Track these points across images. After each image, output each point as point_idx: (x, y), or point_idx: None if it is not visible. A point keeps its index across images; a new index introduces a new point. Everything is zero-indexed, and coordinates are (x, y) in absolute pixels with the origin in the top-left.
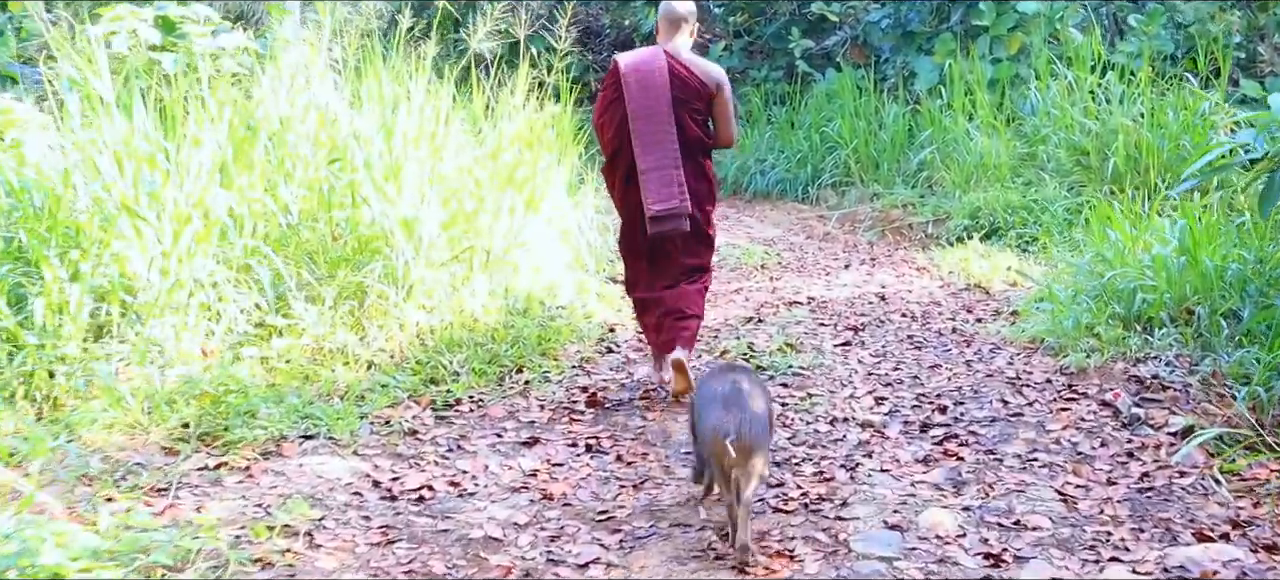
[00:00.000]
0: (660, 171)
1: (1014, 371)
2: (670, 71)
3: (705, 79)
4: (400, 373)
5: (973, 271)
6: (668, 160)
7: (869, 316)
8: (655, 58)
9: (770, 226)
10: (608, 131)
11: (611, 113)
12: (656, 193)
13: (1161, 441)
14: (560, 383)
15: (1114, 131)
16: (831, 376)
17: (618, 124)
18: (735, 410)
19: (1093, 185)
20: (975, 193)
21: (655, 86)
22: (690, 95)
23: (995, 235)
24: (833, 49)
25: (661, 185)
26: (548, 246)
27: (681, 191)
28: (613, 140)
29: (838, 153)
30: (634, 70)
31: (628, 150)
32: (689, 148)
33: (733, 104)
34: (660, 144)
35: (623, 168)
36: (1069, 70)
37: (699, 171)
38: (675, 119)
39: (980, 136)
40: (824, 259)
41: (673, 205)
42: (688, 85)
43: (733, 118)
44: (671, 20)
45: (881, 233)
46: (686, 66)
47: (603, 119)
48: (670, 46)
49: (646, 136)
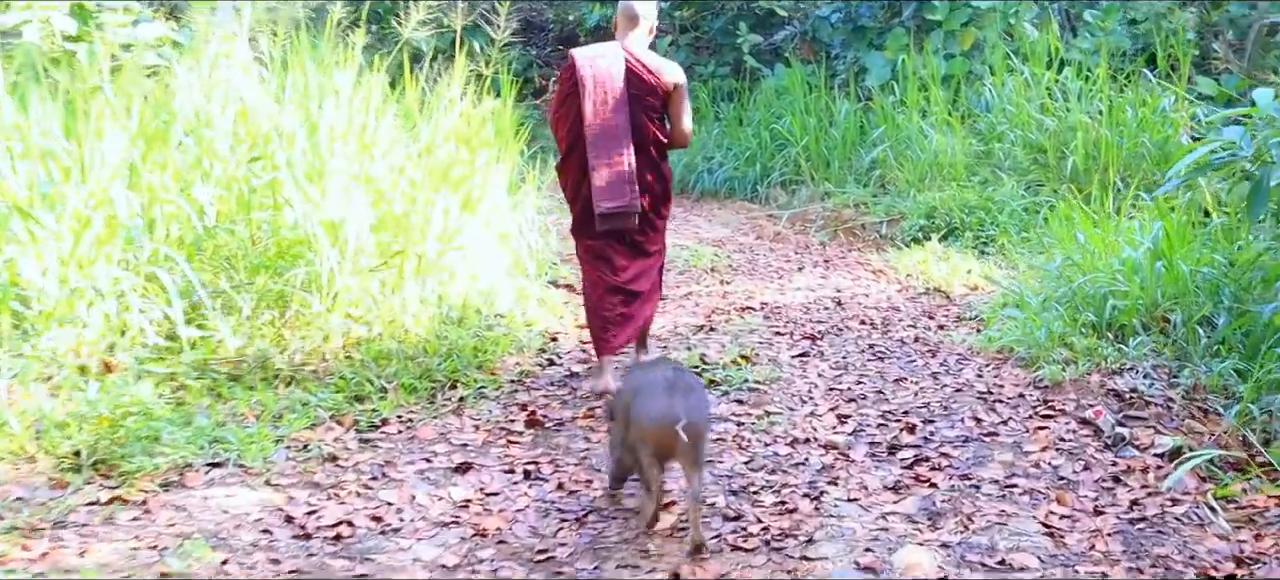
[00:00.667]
0: (612, 169)
1: (984, 385)
2: (627, 68)
3: (662, 77)
4: (323, 389)
5: (932, 275)
6: (620, 158)
7: (826, 324)
8: (612, 53)
9: (719, 226)
10: (562, 127)
11: (566, 108)
12: (607, 191)
13: (1149, 464)
14: (497, 399)
15: (1072, 129)
16: (790, 391)
17: (572, 120)
18: (680, 395)
19: (1050, 184)
20: (930, 192)
21: (611, 83)
22: (646, 92)
23: (952, 236)
24: (782, 44)
25: (613, 183)
26: (485, 250)
27: (633, 189)
28: (567, 136)
29: (788, 150)
30: (591, 65)
31: (582, 146)
32: (644, 146)
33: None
34: (614, 141)
35: (576, 163)
36: (1026, 66)
37: (654, 169)
38: (630, 116)
39: (935, 134)
40: (776, 261)
41: (623, 203)
42: (644, 82)
43: (689, 116)
44: (630, 16)
45: (834, 233)
46: (644, 63)
47: (558, 114)
48: (628, 43)
49: (600, 133)
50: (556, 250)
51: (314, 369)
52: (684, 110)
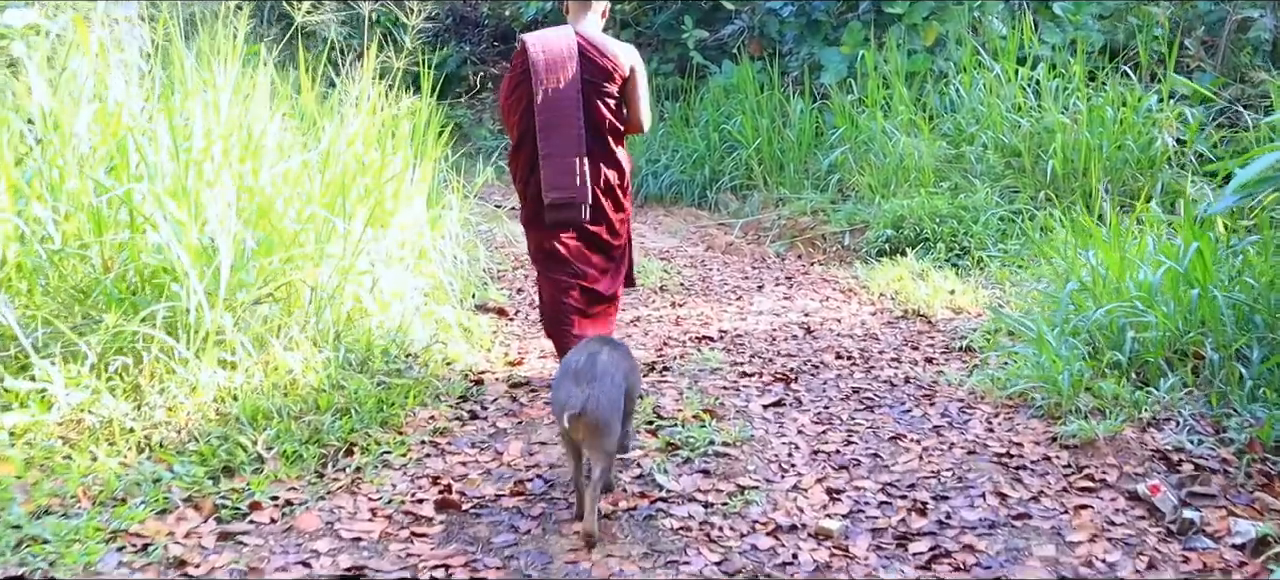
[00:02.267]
0: (561, 157)
1: (1000, 443)
2: (581, 52)
3: (618, 61)
4: (183, 459)
5: (909, 295)
6: (570, 146)
7: (799, 358)
8: (565, 37)
9: (666, 235)
10: (513, 115)
11: (518, 95)
12: (554, 179)
13: (1229, 562)
14: (403, 468)
15: (1049, 131)
16: (766, 456)
17: (524, 107)
18: (584, 384)
19: (1027, 190)
20: (896, 199)
21: (564, 68)
22: (601, 77)
23: (922, 247)
24: (729, 40)
25: (561, 173)
26: (398, 273)
27: (582, 180)
28: (519, 124)
29: (738, 152)
30: (542, 50)
31: (532, 134)
32: (599, 133)
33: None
34: (564, 128)
35: (527, 153)
36: (997, 63)
37: (609, 158)
38: (584, 103)
39: (900, 136)
40: (732, 277)
41: (570, 194)
42: (599, 67)
43: (646, 102)
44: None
45: (791, 243)
46: (598, 47)
47: (509, 101)
48: (581, 26)
49: (550, 120)
50: (487, 267)
51: (176, 431)
52: (641, 95)
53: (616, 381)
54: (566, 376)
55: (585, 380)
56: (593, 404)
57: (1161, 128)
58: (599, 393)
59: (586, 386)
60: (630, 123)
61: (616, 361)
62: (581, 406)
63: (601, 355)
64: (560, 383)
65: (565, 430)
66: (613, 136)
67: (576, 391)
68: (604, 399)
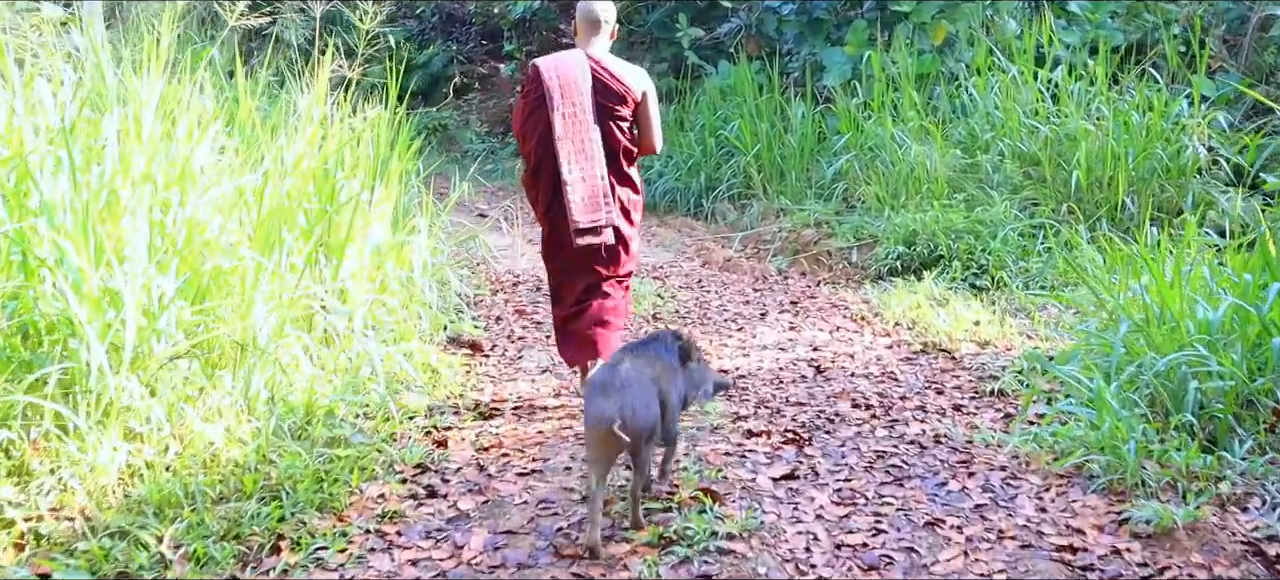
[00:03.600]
0: (587, 183)
1: (1058, 531)
2: (594, 77)
3: (631, 85)
4: (70, 563)
5: (928, 325)
6: (593, 171)
7: (811, 410)
8: (578, 62)
9: (660, 249)
10: (530, 141)
11: (533, 121)
12: (583, 205)
13: None
14: (340, 570)
15: (1072, 138)
16: (780, 552)
17: (541, 133)
18: (614, 395)
19: (1048, 203)
20: (907, 212)
21: (579, 93)
22: (615, 102)
23: (936, 266)
24: (725, 39)
25: (588, 197)
26: (352, 312)
27: (608, 203)
28: (536, 150)
29: (736, 159)
30: (557, 76)
31: (551, 160)
32: (614, 156)
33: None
34: (585, 154)
35: (547, 178)
36: (1013, 65)
37: (624, 180)
38: (601, 127)
39: (910, 143)
40: (732, 300)
41: (599, 218)
42: (612, 91)
43: (659, 124)
44: (591, 21)
45: (793, 258)
46: (611, 71)
47: (525, 128)
48: (591, 49)
49: (571, 146)
50: (462, 292)
51: (67, 521)
52: (654, 117)
53: (645, 385)
54: (596, 393)
55: (614, 391)
56: (628, 412)
57: (1192, 134)
58: (632, 400)
59: (617, 397)
60: (643, 145)
61: (640, 368)
62: (618, 416)
63: (623, 365)
64: (592, 400)
65: (601, 442)
66: (626, 159)
67: (609, 404)
68: (638, 405)
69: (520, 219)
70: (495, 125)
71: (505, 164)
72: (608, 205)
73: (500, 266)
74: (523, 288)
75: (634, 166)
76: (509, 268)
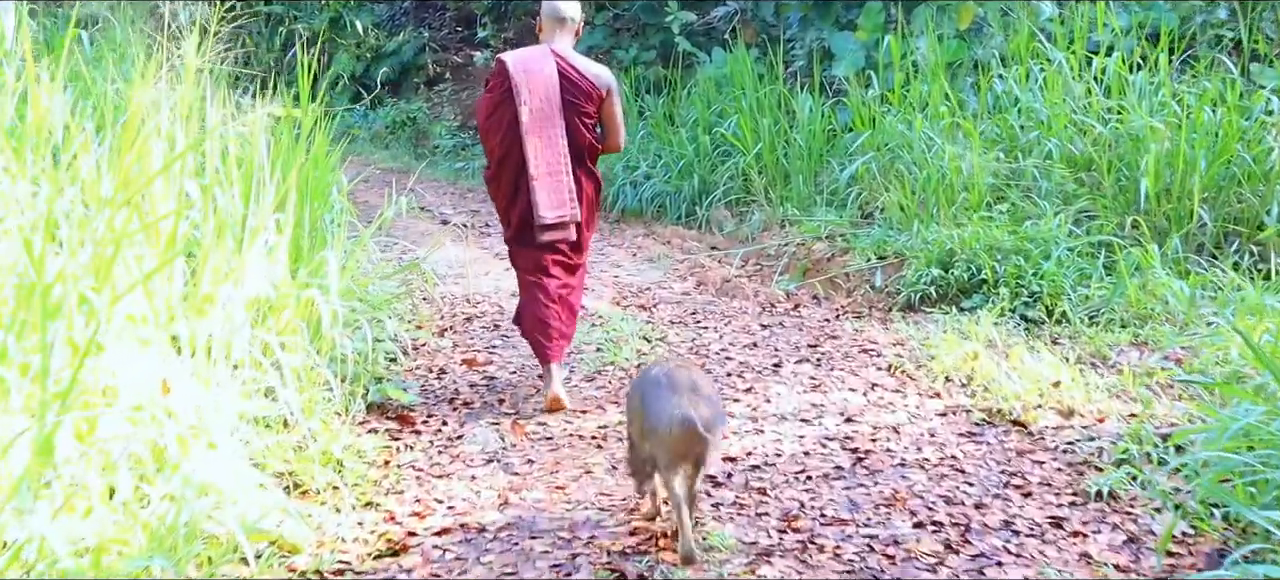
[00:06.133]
0: (552, 177)
1: None
2: (559, 72)
3: (595, 81)
4: None
5: (990, 385)
6: (558, 165)
7: (855, 523)
8: (544, 58)
9: (645, 264)
10: (495, 136)
11: (499, 116)
12: (548, 199)
13: None
14: None
15: (1137, 139)
16: None
17: (505, 128)
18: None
19: (1109, 217)
20: (939, 226)
21: (546, 88)
22: (580, 98)
23: (977, 292)
24: (720, 24)
25: (553, 192)
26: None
27: (572, 198)
28: (500, 145)
29: (734, 159)
30: (523, 71)
31: (516, 155)
32: (579, 154)
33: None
34: (551, 149)
35: (510, 173)
36: (1059, 52)
37: (589, 175)
38: (566, 122)
39: (940, 142)
40: (736, 342)
41: (563, 213)
42: (578, 88)
43: (622, 122)
44: (557, 17)
45: (803, 278)
46: (576, 68)
47: (489, 123)
48: (556, 45)
49: (537, 141)
50: (398, 336)
51: None
52: (618, 115)
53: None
54: (665, 392)
55: (684, 389)
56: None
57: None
58: (700, 398)
59: (688, 395)
60: (608, 143)
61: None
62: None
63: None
64: (664, 401)
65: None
66: (590, 155)
67: (684, 402)
68: (710, 402)
69: (491, 228)
70: (469, 118)
71: (477, 162)
72: (572, 201)
73: (458, 288)
74: (479, 324)
75: (596, 165)
76: (469, 291)
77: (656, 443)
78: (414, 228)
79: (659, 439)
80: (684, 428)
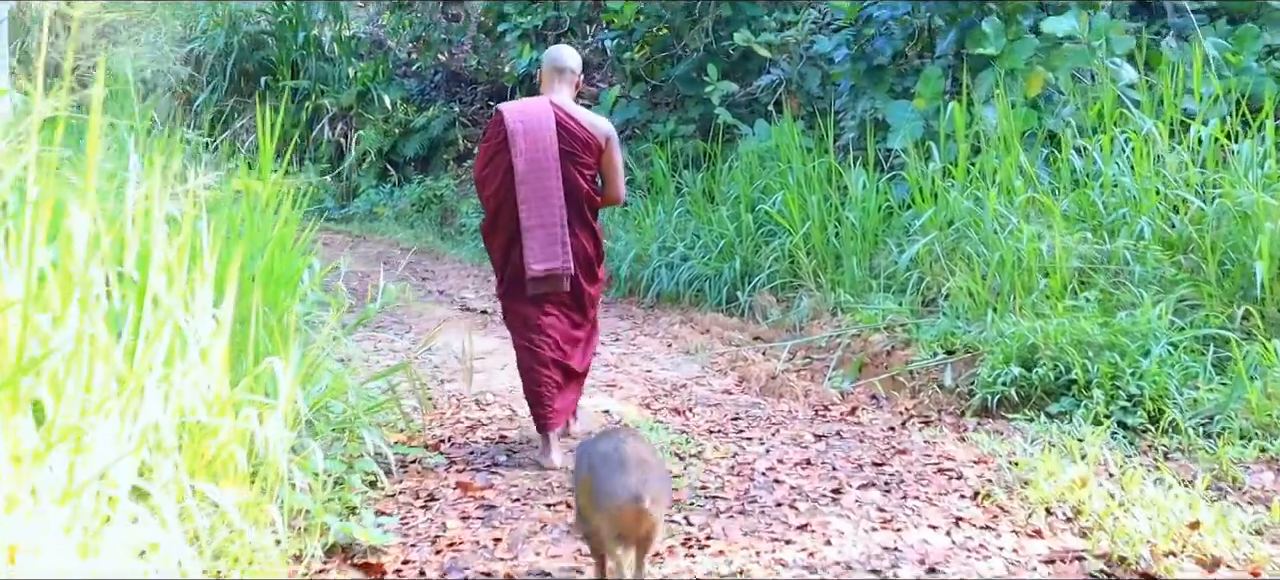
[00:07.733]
0: (545, 229)
1: None
2: (557, 123)
3: (593, 132)
4: None
5: (1105, 523)
6: (553, 217)
7: None
8: (542, 109)
9: (681, 357)
10: (490, 186)
11: (495, 165)
12: (540, 252)
13: None
14: None
15: (1247, 216)
16: None
17: (501, 178)
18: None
19: (1214, 306)
20: (1017, 316)
21: (543, 139)
22: (578, 149)
23: (1068, 395)
24: (763, 95)
25: (546, 244)
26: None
27: (565, 251)
28: (495, 195)
29: (780, 239)
30: (520, 121)
31: (511, 205)
32: (577, 205)
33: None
34: (546, 200)
35: (505, 224)
36: (1147, 118)
37: (586, 229)
38: (563, 174)
39: (1016, 221)
40: (786, 459)
41: (555, 266)
42: (576, 138)
43: (621, 173)
44: (557, 68)
45: (859, 372)
46: (574, 118)
47: (485, 172)
48: (555, 96)
49: (532, 192)
50: (382, 453)
51: None
52: (617, 166)
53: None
54: (614, 469)
55: (633, 466)
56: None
57: None
58: (650, 474)
59: (637, 471)
60: (608, 194)
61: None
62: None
63: (622, 441)
64: (612, 477)
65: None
66: (589, 208)
67: (633, 480)
68: (658, 480)
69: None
70: None
71: None
72: (565, 253)
73: (472, 389)
74: (482, 434)
75: (596, 219)
76: (479, 390)
77: (605, 518)
78: (430, 315)
79: (607, 514)
80: (635, 506)
